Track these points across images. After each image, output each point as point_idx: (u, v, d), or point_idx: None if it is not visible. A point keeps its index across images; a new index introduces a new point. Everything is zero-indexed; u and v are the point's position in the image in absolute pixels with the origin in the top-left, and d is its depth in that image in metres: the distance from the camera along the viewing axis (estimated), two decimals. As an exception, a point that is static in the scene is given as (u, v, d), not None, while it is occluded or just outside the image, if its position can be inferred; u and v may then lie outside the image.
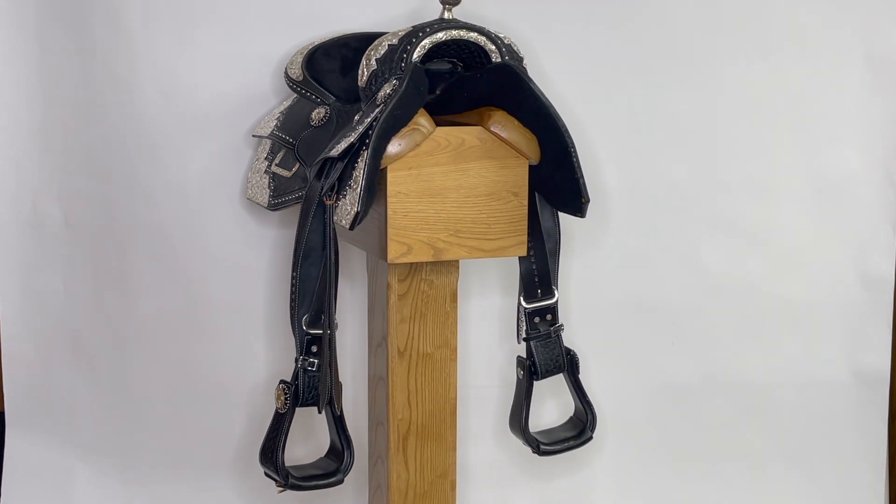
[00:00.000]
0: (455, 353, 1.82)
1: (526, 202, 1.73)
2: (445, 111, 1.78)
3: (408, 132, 1.68)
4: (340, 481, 1.81)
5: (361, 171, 1.62)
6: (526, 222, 1.73)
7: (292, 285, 1.73)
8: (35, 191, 2.28)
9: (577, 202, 1.68)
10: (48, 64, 2.22)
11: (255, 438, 2.29)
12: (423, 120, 1.69)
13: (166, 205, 2.21)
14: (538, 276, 1.79)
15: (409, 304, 1.79)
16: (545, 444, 1.85)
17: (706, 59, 2.21)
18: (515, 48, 1.77)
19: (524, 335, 1.82)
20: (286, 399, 1.76)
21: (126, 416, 2.33)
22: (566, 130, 1.65)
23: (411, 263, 1.75)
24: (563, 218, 2.19)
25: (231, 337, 2.26)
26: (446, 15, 1.74)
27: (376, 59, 1.75)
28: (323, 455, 1.86)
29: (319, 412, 1.76)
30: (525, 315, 1.81)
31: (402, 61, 1.72)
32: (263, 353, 2.23)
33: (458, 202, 1.70)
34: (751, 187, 2.25)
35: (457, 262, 1.78)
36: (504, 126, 1.69)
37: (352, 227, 1.64)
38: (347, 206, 1.64)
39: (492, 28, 1.77)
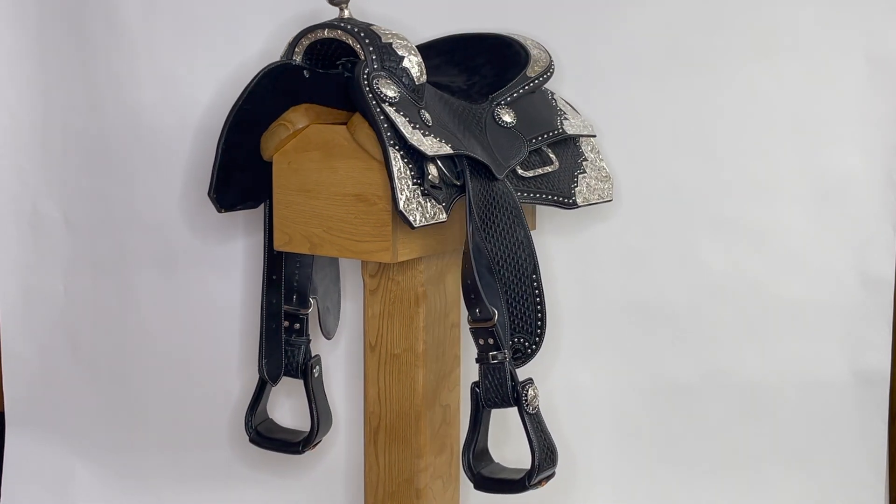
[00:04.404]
0: (420, 358, 1.77)
1: (390, 207, 1.65)
2: None
3: (275, 127, 1.71)
4: (298, 452, 1.89)
5: (215, 160, 1.69)
6: (389, 228, 1.65)
7: None
8: (35, 191, 2.28)
9: (397, 211, 1.60)
10: (48, 63, 2.22)
11: (255, 438, 2.29)
12: (291, 115, 1.70)
13: (166, 205, 2.21)
14: (472, 293, 1.66)
15: (380, 301, 1.79)
16: (480, 480, 1.71)
17: (706, 60, 2.20)
18: (396, 47, 1.69)
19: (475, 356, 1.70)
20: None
21: (126, 416, 2.33)
22: (383, 133, 1.59)
23: (381, 262, 1.75)
24: (563, 215, 2.20)
25: (231, 336, 2.26)
26: (346, 14, 1.73)
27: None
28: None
29: (267, 383, 1.88)
30: (471, 334, 1.69)
31: None
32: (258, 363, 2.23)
33: (329, 199, 1.69)
34: (751, 187, 2.25)
35: (420, 264, 1.75)
36: (355, 129, 1.66)
37: (218, 210, 1.73)
38: None
39: (398, 29, 1.73)
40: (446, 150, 1.64)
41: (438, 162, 1.64)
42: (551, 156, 1.88)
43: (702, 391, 2.31)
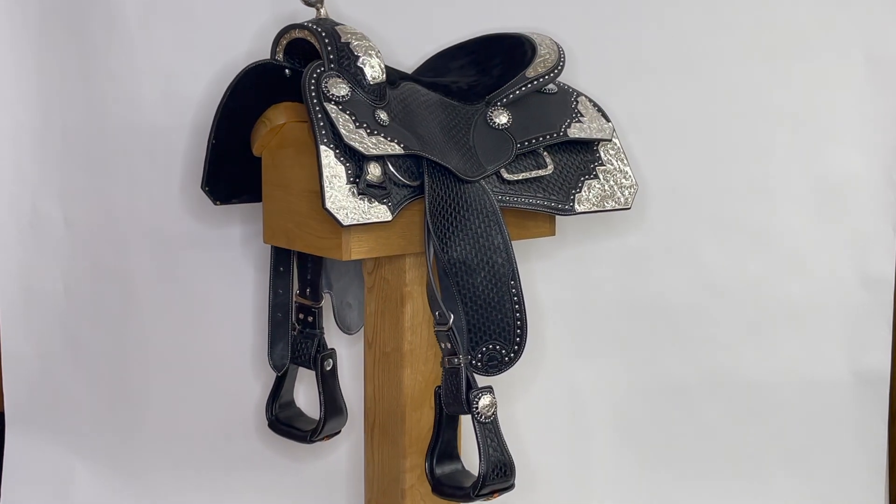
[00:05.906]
0: (405, 358, 1.76)
1: None
2: None
3: (257, 124, 1.74)
4: (306, 441, 1.89)
5: (206, 154, 1.74)
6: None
7: None
8: (35, 191, 2.28)
9: (323, 207, 1.58)
10: (48, 64, 2.22)
11: (255, 438, 2.29)
12: (271, 113, 1.72)
13: (166, 204, 2.21)
14: (433, 298, 1.64)
15: (375, 299, 1.79)
16: (436, 484, 1.66)
17: (707, 60, 2.20)
18: (354, 47, 1.67)
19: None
20: None
21: (126, 416, 2.33)
22: (317, 132, 1.58)
23: (376, 259, 1.74)
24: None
25: (231, 337, 2.26)
26: (322, 14, 1.73)
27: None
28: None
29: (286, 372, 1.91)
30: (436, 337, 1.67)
31: None
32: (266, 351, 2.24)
33: (300, 195, 1.70)
34: (751, 187, 2.25)
35: (403, 263, 1.74)
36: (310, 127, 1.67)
37: (214, 203, 1.79)
38: None
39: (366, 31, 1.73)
40: (396, 150, 1.62)
41: (388, 162, 1.63)
42: (546, 159, 1.81)
43: (702, 391, 2.31)
